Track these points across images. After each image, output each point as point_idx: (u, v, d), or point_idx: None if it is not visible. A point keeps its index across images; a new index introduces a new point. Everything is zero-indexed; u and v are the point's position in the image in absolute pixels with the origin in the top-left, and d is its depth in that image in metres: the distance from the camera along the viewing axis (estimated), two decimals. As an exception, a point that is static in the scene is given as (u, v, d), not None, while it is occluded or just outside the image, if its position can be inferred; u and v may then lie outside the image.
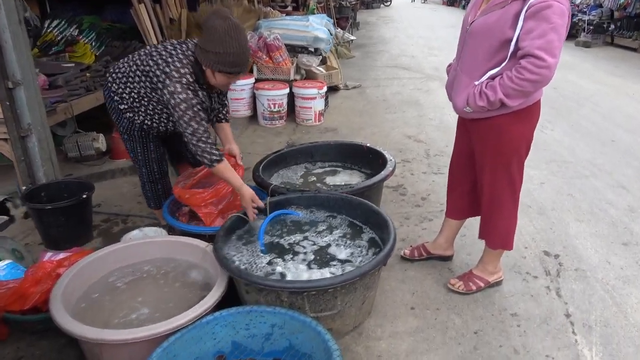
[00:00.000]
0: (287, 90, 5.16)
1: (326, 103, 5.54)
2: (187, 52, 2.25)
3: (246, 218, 2.37)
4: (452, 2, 25.95)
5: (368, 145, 3.28)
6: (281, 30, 5.63)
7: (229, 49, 2.10)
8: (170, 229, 2.64)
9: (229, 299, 2.02)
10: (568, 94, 6.44)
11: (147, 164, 2.64)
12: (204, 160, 2.23)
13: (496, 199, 2.22)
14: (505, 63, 1.91)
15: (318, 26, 5.87)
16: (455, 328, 2.19)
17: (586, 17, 11.05)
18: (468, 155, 2.32)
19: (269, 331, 1.90)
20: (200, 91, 2.28)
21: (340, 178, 3.16)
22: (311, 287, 1.84)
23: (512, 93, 1.88)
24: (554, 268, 2.64)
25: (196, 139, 2.19)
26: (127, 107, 2.42)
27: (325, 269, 2.13)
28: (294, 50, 5.78)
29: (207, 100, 2.38)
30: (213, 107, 2.50)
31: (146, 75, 2.30)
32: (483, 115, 2.03)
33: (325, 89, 5.28)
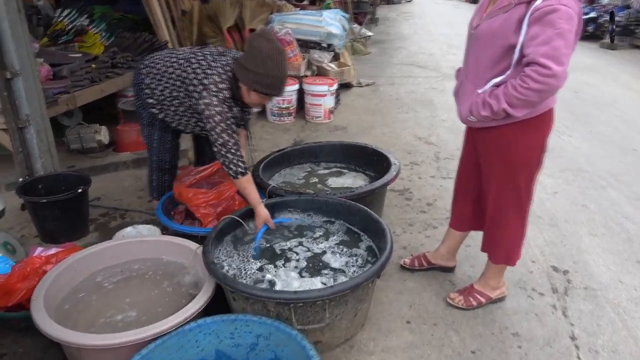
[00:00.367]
0: (297, 86, 5.07)
1: (337, 100, 5.43)
2: (227, 67, 2.27)
3: (241, 221, 2.30)
4: (475, 0, 25.50)
5: (373, 147, 3.18)
6: (294, 24, 5.53)
7: (270, 72, 2.15)
8: (163, 228, 2.59)
9: (223, 303, 1.98)
10: (588, 98, 6.18)
11: (160, 153, 2.66)
12: (230, 171, 2.23)
13: (500, 213, 2.09)
14: (510, 71, 1.78)
15: (332, 21, 5.75)
16: (451, 346, 2.09)
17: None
18: (475, 162, 2.19)
19: (254, 341, 1.83)
20: (235, 107, 2.31)
21: (343, 180, 3.06)
22: (298, 299, 1.76)
23: (517, 103, 1.75)
24: (562, 285, 2.50)
25: (225, 150, 2.20)
26: (156, 103, 2.44)
27: (316, 278, 2.04)
28: (307, 45, 5.67)
29: (239, 114, 2.42)
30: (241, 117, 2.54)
31: (182, 80, 2.32)
32: (488, 124, 1.91)
33: (336, 86, 5.17)
